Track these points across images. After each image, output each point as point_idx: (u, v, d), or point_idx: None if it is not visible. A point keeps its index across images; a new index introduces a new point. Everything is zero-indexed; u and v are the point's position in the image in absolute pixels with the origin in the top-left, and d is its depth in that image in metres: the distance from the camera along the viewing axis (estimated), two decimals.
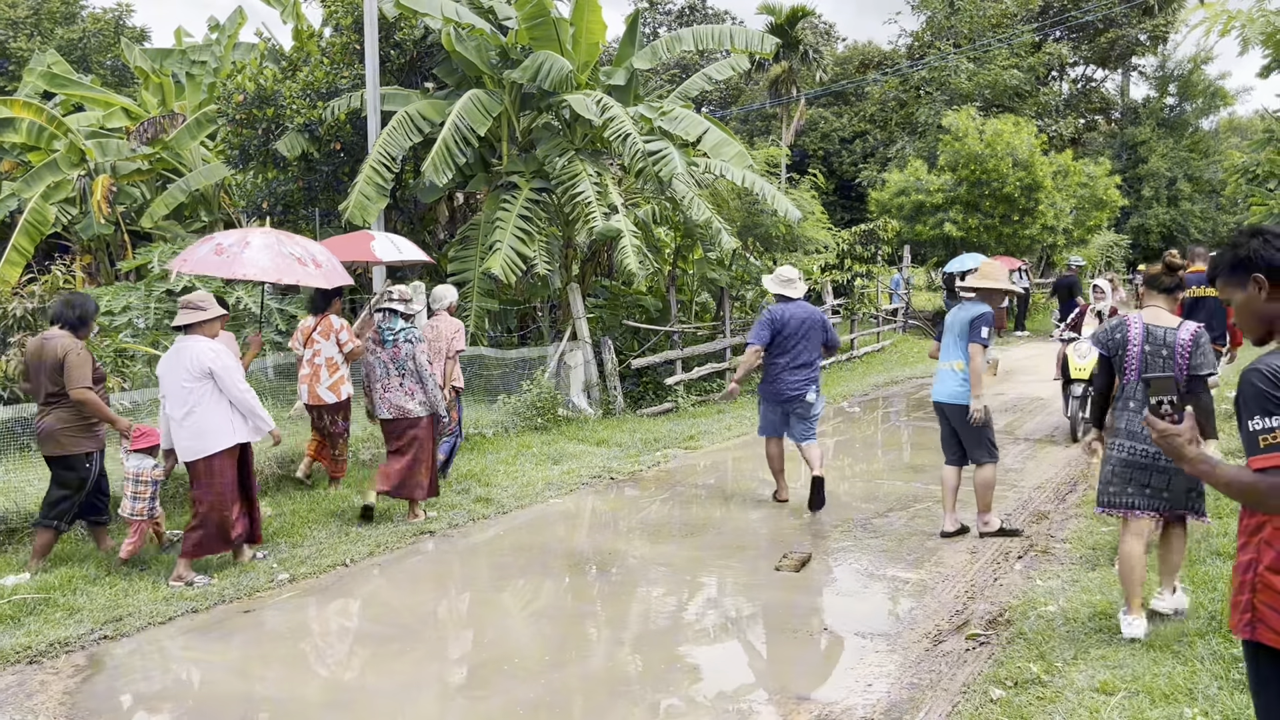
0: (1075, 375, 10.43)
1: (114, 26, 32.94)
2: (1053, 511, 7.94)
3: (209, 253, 7.31)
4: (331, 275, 7.80)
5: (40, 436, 6.71)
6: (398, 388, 7.79)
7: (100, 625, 5.60)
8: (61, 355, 6.53)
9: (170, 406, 6.48)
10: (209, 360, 6.35)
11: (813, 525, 7.79)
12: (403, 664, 5.26)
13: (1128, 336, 5.21)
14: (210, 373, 6.36)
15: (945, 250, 27.33)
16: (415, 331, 7.85)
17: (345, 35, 14.61)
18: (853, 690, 4.71)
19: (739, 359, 15.42)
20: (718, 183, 15.01)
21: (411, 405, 7.78)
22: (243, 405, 6.49)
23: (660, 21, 44.98)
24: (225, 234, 7.61)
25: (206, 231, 19.29)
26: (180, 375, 6.37)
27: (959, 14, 39.29)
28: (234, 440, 6.50)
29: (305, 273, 7.48)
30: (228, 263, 7.19)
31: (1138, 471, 5.09)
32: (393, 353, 7.77)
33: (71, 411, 6.59)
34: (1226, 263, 2.88)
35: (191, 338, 6.49)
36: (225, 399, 6.44)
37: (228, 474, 6.51)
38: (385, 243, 9.73)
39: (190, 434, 6.39)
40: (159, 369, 6.61)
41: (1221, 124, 46.31)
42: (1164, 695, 4.33)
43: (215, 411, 6.41)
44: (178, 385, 6.39)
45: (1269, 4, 12.37)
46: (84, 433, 6.68)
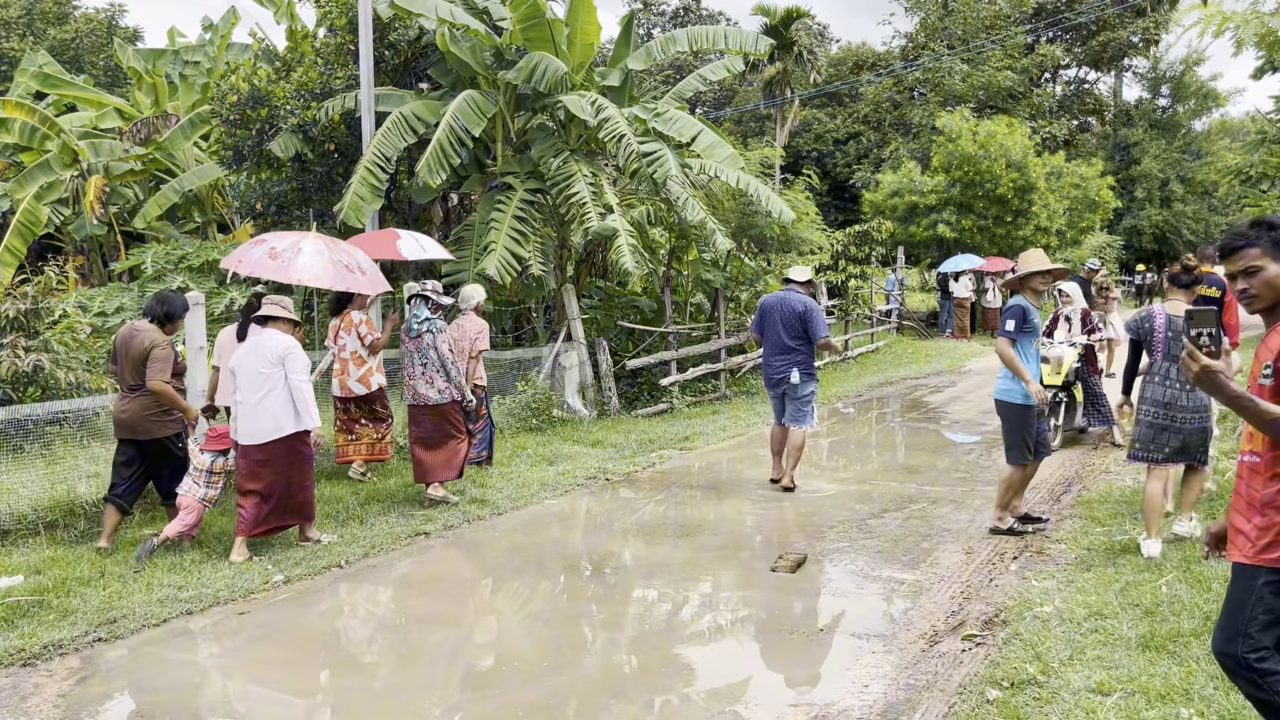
0: (1049, 381, 10.15)
1: (106, 27, 32.86)
2: (1047, 512, 7.94)
3: (264, 256, 7.68)
4: (376, 282, 8.27)
5: (120, 422, 7.17)
6: (420, 375, 8.27)
7: (94, 627, 5.58)
8: (148, 348, 7.05)
9: (244, 392, 6.91)
10: (283, 349, 6.90)
11: (808, 526, 7.79)
12: (398, 665, 5.24)
13: (1154, 325, 6.56)
14: (282, 360, 6.87)
15: (939, 251, 27.39)
16: (438, 322, 8.28)
17: (339, 36, 14.59)
18: (849, 691, 4.70)
19: (734, 360, 15.47)
20: (712, 184, 15.01)
21: (430, 393, 8.24)
22: (298, 395, 6.93)
23: (654, 23, 45.02)
24: (278, 237, 7.98)
25: (200, 232, 19.29)
26: (258, 363, 6.88)
27: (952, 15, 39.38)
28: (300, 426, 6.97)
29: (353, 279, 7.94)
30: (282, 268, 7.58)
31: (1160, 433, 6.49)
32: (416, 342, 8.26)
33: (152, 400, 7.11)
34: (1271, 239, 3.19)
35: (269, 330, 7.06)
36: None
37: (294, 455, 7.00)
38: (410, 241, 10.09)
39: (264, 416, 6.86)
40: (233, 361, 7.07)
41: (1214, 125, 46.45)
42: (1160, 695, 4.34)
43: (286, 398, 6.91)
44: (254, 371, 6.88)
45: (1263, 6, 12.41)
46: (161, 419, 7.19)
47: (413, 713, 4.68)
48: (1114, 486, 8.49)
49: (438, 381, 8.22)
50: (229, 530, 7.39)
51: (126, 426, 7.16)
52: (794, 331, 8.77)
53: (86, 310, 13.19)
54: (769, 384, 9.00)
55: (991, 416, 12.68)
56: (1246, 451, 3.28)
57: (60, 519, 7.55)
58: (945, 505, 8.31)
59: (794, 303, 8.82)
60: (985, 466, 9.91)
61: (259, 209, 15.70)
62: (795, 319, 8.76)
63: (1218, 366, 2.97)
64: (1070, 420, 10.81)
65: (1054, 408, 10.24)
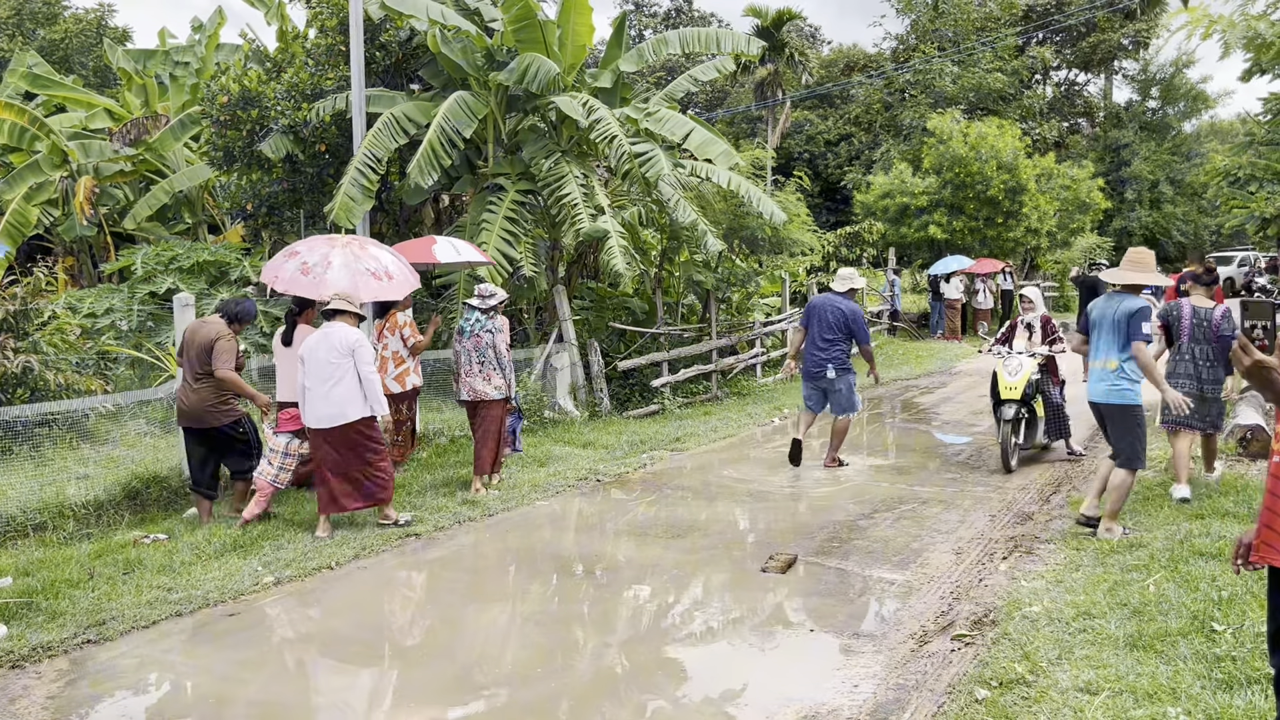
0: (1006, 395, 9.40)
1: (96, 27, 32.74)
2: (1037, 513, 7.97)
3: (296, 272, 8.15)
4: (403, 284, 8.61)
5: (182, 411, 7.69)
6: (477, 373, 8.79)
7: (84, 629, 5.57)
8: (214, 339, 7.56)
9: (314, 380, 7.38)
10: (353, 341, 7.42)
11: (799, 526, 7.81)
12: (387, 667, 5.24)
13: (1181, 314, 8.16)
14: (352, 351, 7.39)
15: (930, 252, 27.45)
16: (493, 322, 8.82)
17: (330, 37, 14.56)
18: (839, 691, 4.72)
19: (725, 361, 15.49)
20: (703, 185, 15.03)
21: (488, 389, 8.79)
22: (368, 385, 7.43)
23: (646, 24, 45.01)
24: (309, 249, 8.36)
25: (190, 233, 19.23)
26: (328, 353, 7.37)
27: (943, 17, 39.48)
28: (367, 413, 7.46)
29: (380, 287, 8.34)
30: (314, 284, 8.07)
31: (1199, 404, 7.85)
32: (474, 341, 8.77)
33: (213, 390, 7.59)
34: None
35: (337, 323, 7.51)
36: None
37: (361, 439, 7.48)
38: (446, 245, 10.40)
39: (332, 403, 7.35)
40: (303, 349, 7.52)
41: (1202, 127, 46.66)
42: (1148, 695, 4.36)
43: (355, 386, 7.41)
44: (325, 361, 7.37)
45: (1251, 8, 12.48)
46: (220, 409, 7.66)
47: (403, 714, 4.68)
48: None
49: (494, 378, 8.79)
50: (220, 533, 7.39)
51: (189, 415, 7.66)
52: (833, 332, 9.73)
53: (76, 312, 13.15)
54: (807, 376, 9.92)
55: (982, 418, 12.74)
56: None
57: (49, 521, 7.53)
58: (935, 506, 8.34)
59: (839, 306, 9.81)
60: (975, 467, 9.94)
61: (250, 210, 15.67)
62: (839, 322, 9.74)
63: (1270, 362, 2.85)
64: (1030, 437, 9.93)
65: (1014, 424, 9.50)
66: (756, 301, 18.03)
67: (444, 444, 11.08)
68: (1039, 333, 9.95)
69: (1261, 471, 8.47)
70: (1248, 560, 3.35)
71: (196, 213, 19.37)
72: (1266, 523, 3.22)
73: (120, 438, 9.81)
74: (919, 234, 26.80)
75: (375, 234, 14.03)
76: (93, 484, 8.07)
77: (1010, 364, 9.58)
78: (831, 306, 9.80)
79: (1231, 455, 9.20)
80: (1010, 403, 9.40)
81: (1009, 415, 9.38)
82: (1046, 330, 9.91)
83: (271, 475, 7.71)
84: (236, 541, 7.23)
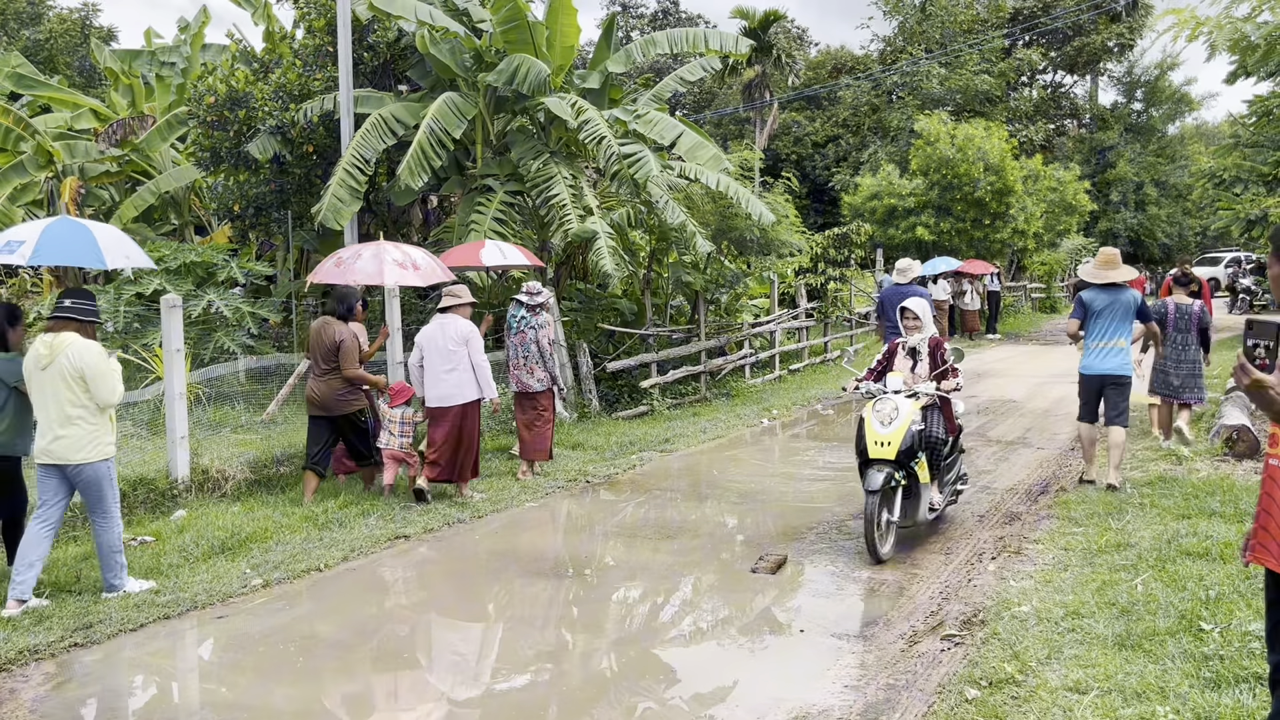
0: (875, 454, 6.75)
1: (80, 27, 32.56)
2: (1025, 513, 8.00)
3: (330, 266, 9.21)
4: (429, 275, 9.44)
5: (312, 400, 8.46)
6: (523, 367, 9.54)
7: (70, 632, 5.53)
8: (337, 341, 8.33)
9: (432, 364, 8.43)
10: (466, 332, 8.45)
11: (788, 527, 7.82)
12: (374, 670, 5.23)
13: (1168, 310, 10.03)
14: (467, 341, 8.39)
15: (918, 254, 27.49)
16: (537, 319, 9.56)
17: (318, 37, 14.53)
18: (829, 691, 4.73)
19: (714, 362, 15.50)
20: (692, 186, 15.03)
21: (532, 381, 9.53)
22: (480, 371, 8.46)
23: (634, 26, 45.02)
24: (349, 250, 9.52)
25: (177, 234, 19.15)
26: (447, 341, 8.40)
27: (930, 19, 39.60)
28: (478, 395, 8.52)
29: (404, 275, 9.14)
30: (343, 273, 8.99)
31: (1169, 376, 10.01)
32: (520, 338, 9.54)
33: (340, 381, 8.39)
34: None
35: (451, 315, 8.52)
36: None
37: (468, 418, 8.50)
38: (493, 249, 11.04)
39: (451, 385, 8.41)
40: (420, 337, 8.57)
41: (1186, 129, 46.94)
42: (1136, 694, 4.38)
43: (468, 371, 8.43)
44: (445, 349, 8.41)
45: (1236, 11, 12.56)
46: (347, 398, 8.46)
47: (393, 717, 4.66)
48: (1090, 488, 8.55)
49: (537, 371, 9.51)
50: (208, 534, 7.36)
51: (318, 405, 8.43)
52: None
53: None
54: None
55: (968, 418, 12.84)
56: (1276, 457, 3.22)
57: None
58: None
59: (910, 292, 10.41)
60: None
61: (237, 211, 15.61)
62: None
63: (1269, 382, 2.91)
64: (911, 512, 7.07)
65: (884, 496, 6.70)
66: (745, 303, 18.04)
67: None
68: (925, 361, 7.38)
69: (1247, 471, 8.53)
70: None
71: (183, 214, 19.28)
72: (1261, 524, 3.24)
73: None
74: (906, 235, 26.87)
75: (363, 235, 13.98)
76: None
77: (883, 409, 6.89)
78: (897, 295, 10.57)
79: (1218, 456, 9.26)
80: (881, 464, 6.74)
81: (876, 484, 6.61)
82: (936, 358, 7.33)
83: (397, 443, 8.69)
84: (224, 544, 7.21)
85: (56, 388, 5.93)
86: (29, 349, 6.12)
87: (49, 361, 5.93)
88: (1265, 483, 3.25)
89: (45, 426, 6.00)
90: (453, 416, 8.42)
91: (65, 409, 5.94)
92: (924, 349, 7.35)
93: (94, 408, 6.03)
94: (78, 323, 6.10)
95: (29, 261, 7.23)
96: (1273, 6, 12.27)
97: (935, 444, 7.15)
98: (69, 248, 7.53)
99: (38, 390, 6.00)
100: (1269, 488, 3.23)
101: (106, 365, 6.07)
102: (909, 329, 7.45)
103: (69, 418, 5.95)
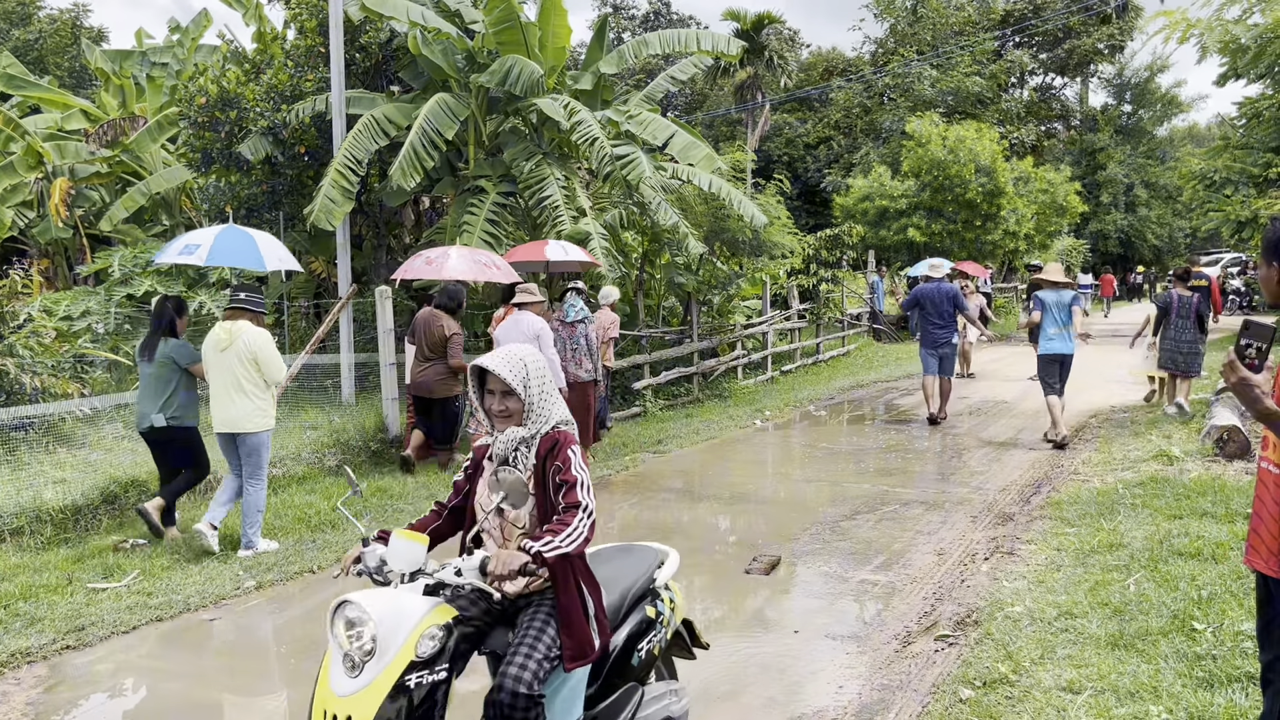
0: None
1: (71, 27, 32.44)
2: (1018, 514, 8.02)
3: (421, 264, 10.08)
4: (507, 275, 10.44)
5: (416, 383, 9.56)
6: (571, 358, 10.08)
7: (62, 635, 5.51)
8: (447, 334, 9.41)
9: None
10: (538, 328, 9.12)
11: (781, 528, 7.82)
12: None
13: (1172, 300, 11.83)
14: (537, 336, 9.04)
15: (909, 255, 27.58)
16: (587, 312, 10.31)
17: (309, 38, 14.49)
18: (823, 692, 4.73)
19: (707, 363, 15.51)
20: (684, 188, 15.04)
21: (580, 372, 10.12)
22: (551, 363, 9.01)
23: (625, 27, 45.01)
24: (435, 252, 10.31)
25: (168, 235, 19.10)
26: (519, 336, 8.96)
27: (921, 21, 39.69)
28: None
29: (491, 273, 10.23)
30: (436, 270, 9.89)
31: (1174, 354, 11.82)
32: (570, 330, 10.11)
33: (444, 368, 9.46)
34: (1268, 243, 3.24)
35: (525, 312, 9.24)
36: None
37: None
38: (556, 247, 11.38)
39: None
40: (498, 332, 9.39)
41: (1176, 131, 47.13)
42: (1129, 693, 4.39)
43: None
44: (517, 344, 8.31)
45: (1227, 13, 12.61)
46: (448, 383, 9.53)
47: None
48: (1083, 488, 8.58)
49: (585, 363, 10.11)
50: (194, 537, 7.34)
51: (423, 387, 9.52)
52: (945, 310, 12.46)
53: (52, 314, 13.01)
54: (930, 345, 12.58)
55: (961, 419, 12.88)
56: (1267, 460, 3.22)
57: (26, 525, 7.44)
58: (917, 507, 8.37)
59: (942, 288, 12.54)
60: (956, 469, 9.99)
61: (228, 212, 15.56)
62: (945, 302, 12.46)
63: (1255, 380, 2.92)
64: None
65: None
66: (738, 304, 18.06)
67: None
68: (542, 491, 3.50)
69: (1238, 472, 8.56)
70: None
71: (174, 215, 19.22)
72: (1253, 527, 3.26)
73: (97, 441, 9.71)
74: (898, 237, 26.93)
75: (355, 236, 13.98)
76: (70, 488, 7.98)
77: (356, 629, 2.98)
78: (936, 290, 12.48)
79: (1208, 456, 9.29)
80: None
81: None
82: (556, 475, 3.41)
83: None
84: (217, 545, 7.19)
85: (233, 367, 6.96)
86: (209, 334, 7.15)
87: (227, 345, 6.97)
88: (1256, 486, 3.27)
89: (223, 400, 7.01)
90: None
91: (241, 384, 6.98)
92: (529, 457, 3.33)
93: (263, 384, 7.08)
94: (250, 313, 7.18)
95: (205, 262, 8.67)
96: (1263, 9, 12.32)
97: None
98: (236, 251, 8.85)
99: (216, 369, 7.03)
100: (1260, 491, 3.24)
101: (274, 349, 7.12)
102: (499, 416, 3.39)
103: (244, 392, 6.99)
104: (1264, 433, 3.20)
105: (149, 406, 7.25)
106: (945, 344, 12.53)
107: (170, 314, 7.40)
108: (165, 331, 7.36)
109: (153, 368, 7.25)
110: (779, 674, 5.02)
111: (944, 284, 12.56)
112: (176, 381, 7.27)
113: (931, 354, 12.62)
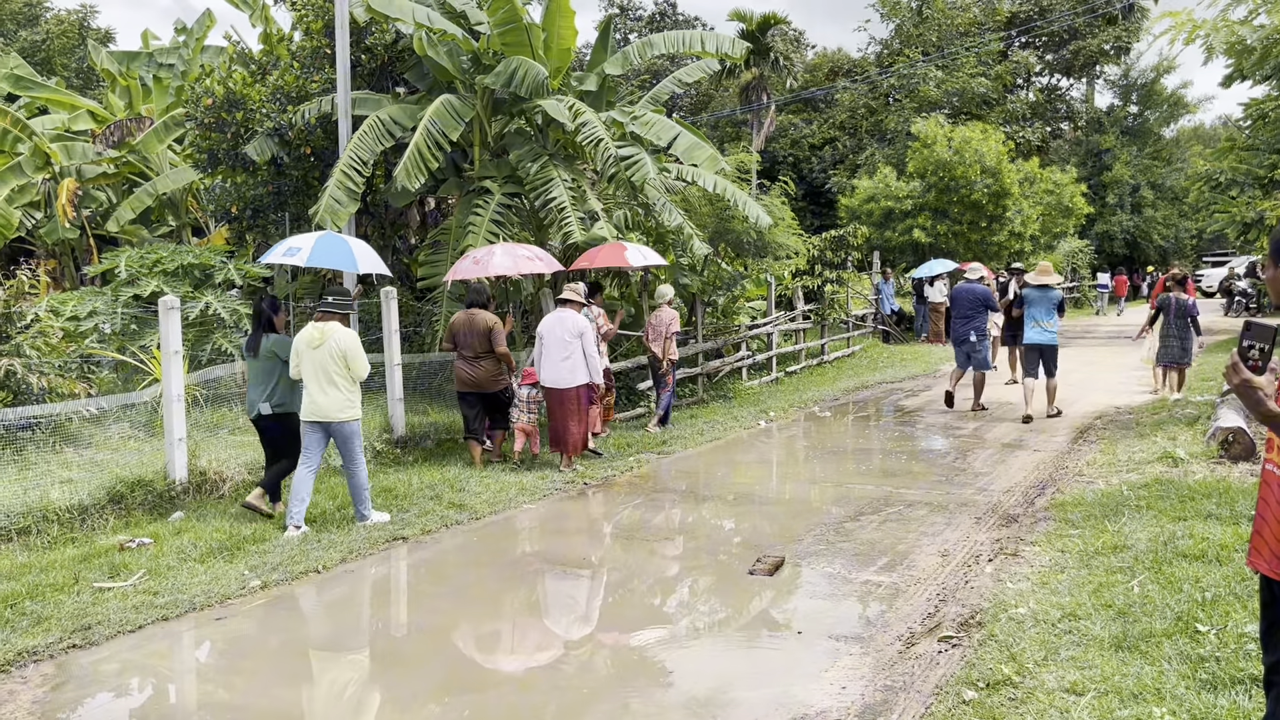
0: None
1: (78, 28, 32.53)
2: (1022, 515, 8.02)
3: (470, 264, 10.60)
4: (550, 265, 11.02)
5: (467, 380, 9.99)
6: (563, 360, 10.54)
7: (69, 634, 5.54)
8: (490, 325, 9.89)
9: (550, 350, 9.82)
10: (582, 326, 9.84)
11: (785, 529, 7.83)
12: (372, 671, 5.23)
13: (1169, 302, 13.27)
14: (581, 334, 9.76)
15: (914, 256, 27.55)
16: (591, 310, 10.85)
17: (315, 39, 14.52)
18: (827, 693, 4.74)
19: (711, 364, 15.52)
20: (689, 189, 15.05)
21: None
22: (591, 360, 9.85)
23: (631, 28, 45.01)
24: (477, 250, 11.00)
25: (174, 236, 19.17)
26: (564, 333, 9.78)
27: (927, 22, 39.65)
28: (588, 380, 9.86)
29: (534, 265, 10.74)
30: (482, 268, 10.43)
31: (1170, 349, 13.46)
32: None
33: (493, 363, 10.00)
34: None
35: (568, 310, 9.98)
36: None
37: (583, 401, 9.90)
38: (635, 252, 11.96)
39: (567, 370, 9.79)
40: (541, 327, 10.01)
41: (1183, 132, 47.03)
42: (1132, 695, 4.39)
43: (581, 359, 9.80)
44: (561, 339, 9.80)
45: (1233, 14, 12.58)
46: (498, 378, 10.09)
47: (391, 718, 4.67)
48: (1087, 490, 8.58)
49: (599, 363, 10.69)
50: (206, 536, 7.36)
51: (474, 383, 9.99)
52: (973, 309, 13.52)
53: (59, 315, 13.03)
54: (956, 341, 13.78)
55: (966, 421, 12.88)
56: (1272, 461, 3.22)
57: (33, 525, 7.47)
58: (921, 508, 8.37)
59: (974, 289, 13.77)
60: (960, 469, 9.99)
61: (234, 213, 15.60)
62: (976, 301, 13.56)
63: (1257, 383, 2.91)
64: None
65: None
66: (742, 305, 18.06)
67: (430, 447, 11.07)
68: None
69: (1243, 474, 8.55)
70: None
71: (180, 215, 19.28)
72: (1257, 529, 3.26)
73: (104, 441, 9.74)
74: (903, 238, 26.89)
75: (360, 237, 13.97)
76: (76, 488, 8.01)
77: None
78: (968, 291, 13.74)
79: (1213, 458, 9.28)
80: None
81: None
82: None
83: (525, 419, 10.22)
84: (222, 545, 7.21)
85: (325, 363, 7.61)
86: (300, 333, 7.78)
87: (320, 343, 7.63)
88: (1260, 487, 3.26)
89: (315, 392, 7.64)
90: (564, 397, 9.77)
91: (333, 379, 7.62)
92: None
93: (351, 378, 7.72)
94: (339, 315, 7.84)
95: (306, 264, 9.42)
96: (1269, 10, 12.29)
97: None
98: (333, 254, 9.57)
99: (309, 365, 7.65)
100: (1264, 493, 3.24)
101: (361, 348, 7.79)
102: None
103: (336, 385, 7.63)
104: (1269, 435, 3.19)
105: (256, 395, 8.05)
106: (964, 340, 13.59)
107: (267, 312, 8.17)
108: (266, 328, 8.12)
109: (258, 361, 8.03)
110: (782, 674, 5.03)
111: (971, 285, 13.92)
112: (279, 373, 7.99)
113: (959, 349, 13.87)
